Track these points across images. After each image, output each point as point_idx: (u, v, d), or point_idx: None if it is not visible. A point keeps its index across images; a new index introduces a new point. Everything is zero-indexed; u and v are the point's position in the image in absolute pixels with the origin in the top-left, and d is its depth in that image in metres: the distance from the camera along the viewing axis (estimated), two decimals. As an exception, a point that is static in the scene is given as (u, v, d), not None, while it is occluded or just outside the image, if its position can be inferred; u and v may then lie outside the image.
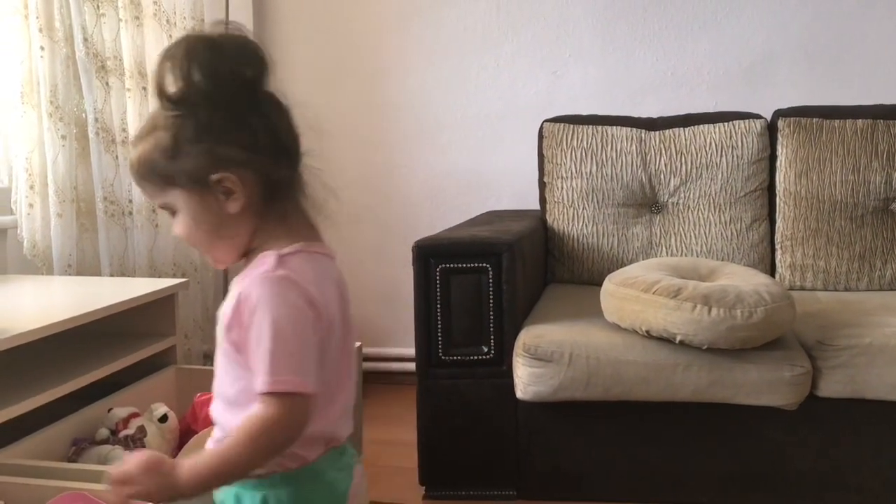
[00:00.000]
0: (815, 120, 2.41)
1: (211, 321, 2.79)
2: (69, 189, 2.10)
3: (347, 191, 3.16)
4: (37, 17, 2.02)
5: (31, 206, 2.06)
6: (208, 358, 2.79)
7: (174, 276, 2.51)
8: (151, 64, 2.47)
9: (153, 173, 0.91)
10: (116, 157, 2.27)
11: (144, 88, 2.43)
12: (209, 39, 0.88)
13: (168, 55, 0.87)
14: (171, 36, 2.55)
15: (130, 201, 2.35)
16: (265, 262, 0.89)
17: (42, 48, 2.03)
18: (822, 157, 2.39)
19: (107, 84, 2.24)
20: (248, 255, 0.94)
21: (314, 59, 2.97)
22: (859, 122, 2.39)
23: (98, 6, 2.23)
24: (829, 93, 2.63)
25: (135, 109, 2.37)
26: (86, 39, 2.15)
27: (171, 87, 0.87)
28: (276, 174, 0.92)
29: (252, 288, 0.87)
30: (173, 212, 0.94)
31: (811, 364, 1.82)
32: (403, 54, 2.91)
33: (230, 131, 0.89)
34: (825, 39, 2.66)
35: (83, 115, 2.18)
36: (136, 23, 2.39)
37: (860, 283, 2.34)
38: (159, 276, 2.43)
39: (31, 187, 2.06)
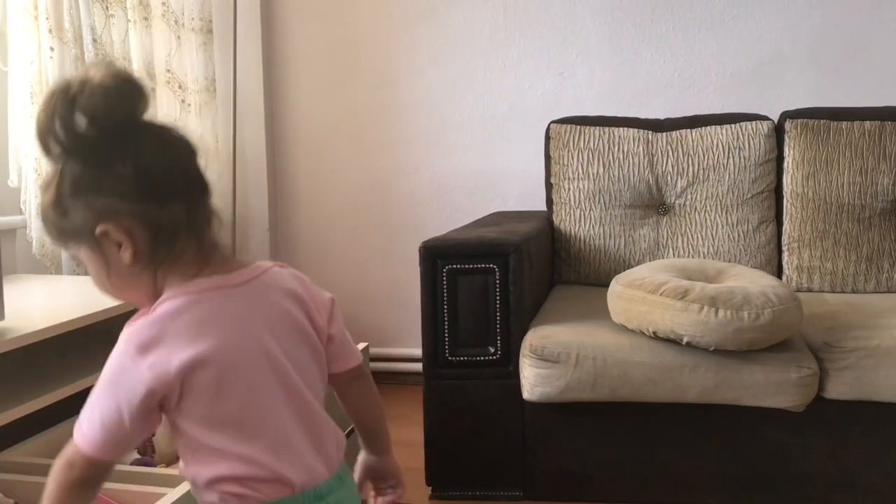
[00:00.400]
0: (822, 122, 2.41)
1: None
2: (78, 189, 2.11)
3: (354, 192, 3.20)
4: (46, 18, 2.03)
5: (40, 206, 2.07)
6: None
7: (182, 276, 2.52)
8: (160, 65, 2.49)
9: (50, 227, 0.91)
10: (125, 157, 2.28)
11: (153, 89, 2.44)
12: (68, 91, 0.83)
13: (43, 106, 0.85)
14: (178, 37, 2.56)
15: (138, 201, 2.36)
16: (135, 319, 0.89)
17: (52, 49, 2.04)
18: (829, 158, 2.38)
19: (115, 85, 2.25)
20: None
21: (322, 60, 2.98)
22: (867, 123, 2.38)
23: (107, 7, 2.24)
24: (837, 94, 2.62)
25: (143, 110, 2.38)
26: (95, 40, 2.15)
27: (49, 138, 0.85)
28: (163, 218, 0.87)
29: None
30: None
31: (818, 366, 1.82)
32: (410, 55, 2.92)
33: (102, 182, 0.85)
34: (833, 41, 2.66)
35: (92, 115, 2.18)
36: (145, 24, 2.40)
37: (867, 285, 2.34)
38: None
39: (41, 187, 2.07)
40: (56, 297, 1.88)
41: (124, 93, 0.85)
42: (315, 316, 0.98)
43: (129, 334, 0.87)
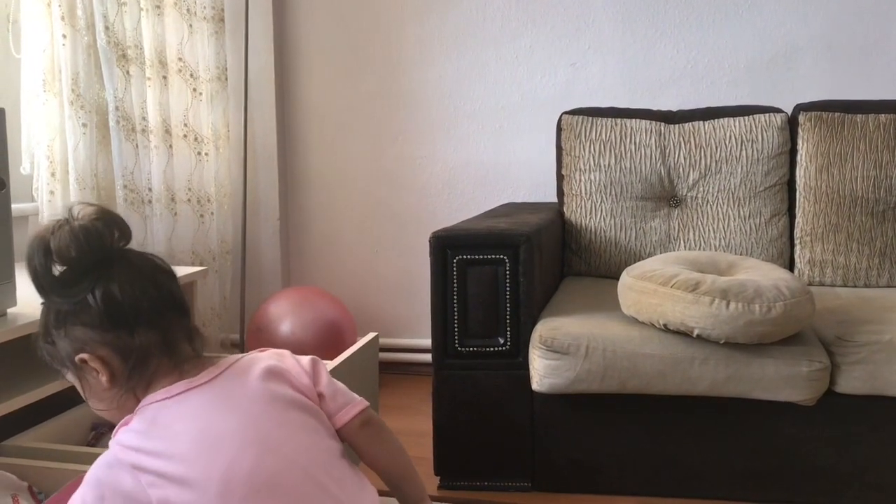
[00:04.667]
0: (836, 114, 2.39)
1: (228, 309, 2.82)
2: (90, 177, 2.12)
3: (365, 182, 3.20)
4: (59, 6, 2.03)
5: (51, 193, 2.08)
6: (225, 346, 2.81)
7: (192, 264, 2.53)
8: (172, 53, 2.49)
9: (43, 354, 0.99)
10: (136, 145, 2.29)
11: (165, 77, 2.44)
12: (45, 238, 0.91)
13: (26, 252, 0.93)
14: (191, 26, 2.56)
15: (150, 189, 2.37)
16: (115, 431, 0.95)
17: (64, 36, 2.05)
18: (843, 152, 2.36)
19: (127, 73, 2.25)
20: None
21: (333, 50, 2.97)
22: (882, 117, 2.36)
23: (119, -5, 2.24)
24: (852, 87, 2.60)
25: (155, 98, 2.39)
26: (107, 28, 2.16)
27: (32, 279, 0.93)
28: (133, 344, 0.94)
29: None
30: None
31: (830, 360, 1.81)
32: (422, 46, 2.91)
33: (76, 315, 0.94)
34: (848, 33, 2.63)
35: (104, 103, 2.19)
36: (157, 12, 2.40)
37: (880, 280, 2.32)
38: (178, 265, 2.44)
39: (52, 175, 2.08)
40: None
41: (97, 233, 0.93)
42: (297, 382, 1.01)
43: (115, 442, 0.93)
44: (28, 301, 1.54)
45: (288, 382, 1.00)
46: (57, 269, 0.92)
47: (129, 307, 0.94)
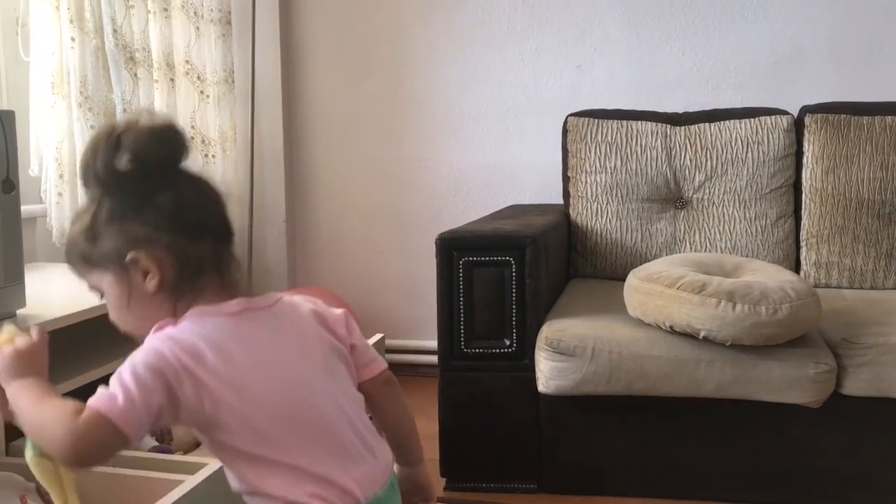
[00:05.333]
0: (842, 116, 2.39)
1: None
2: (97, 179, 2.13)
3: (371, 184, 3.20)
4: (68, 9, 2.05)
5: (60, 195, 2.09)
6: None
7: (199, 266, 2.53)
8: (179, 55, 2.50)
9: (76, 255, 0.95)
10: (144, 147, 2.30)
11: (172, 80, 2.45)
12: (113, 132, 0.90)
13: (88, 144, 0.92)
14: (198, 28, 2.57)
15: (157, 192, 2.38)
16: (161, 324, 0.91)
17: (73, 39, 2.06)
18: (849, 153, 2.36)
19: (135, 75, 2.27)
20: None
21: (339, 52, 2.98)
22: (888, 118, 2.36)
23: (127, -2, 2.26)
24: (858, 89, 2.60)
25: (162, 100, 2.40)
26: (115, 31, 2.17)
27: (90, 172, 0.91)
28: (192, 252, 0.93)
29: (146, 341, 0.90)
30: (101, 293, 0.97)
31: (836, 362, 1.81)
32: (428, 48, 2.91)
33: (140, 211, 0.91)
34: (854, 35, 2.63)
35: (112, 105, 2.20)
36: (165, 14, 2.41)
37: (887, 282, 2.32)
38: (185, 266, 2.45)
39: (61, 176, 2.09)
40: (76, 285, 1.89)
41: (168, 137, 0.92)
42: (336, 329, 1.01)
43: (163, 335, 0.89)
44: (38, 302, 1.55)
45: (329, 328, 1.01)
46: (123, 164, 0.89)
47: (196, 214, 0.94)
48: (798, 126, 2.43)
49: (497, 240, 1.99)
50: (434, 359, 2.07)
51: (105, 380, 1.33)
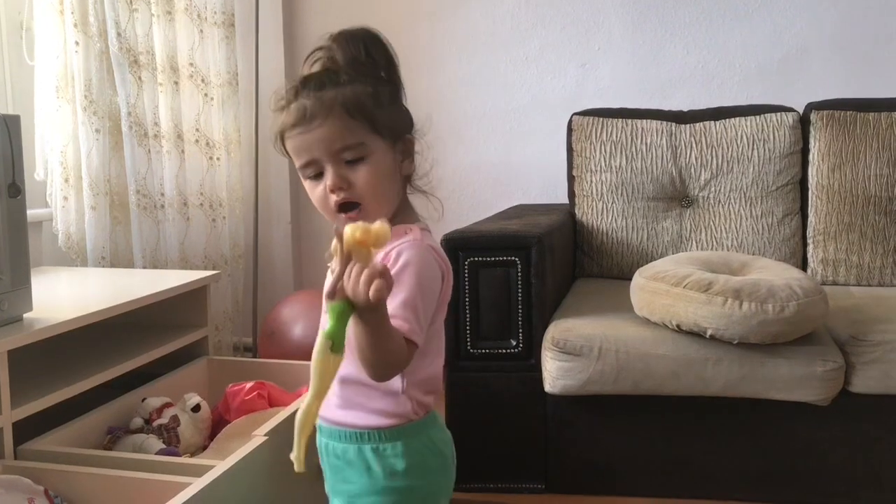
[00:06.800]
0: (848, 113, 2.38)
1: (241, 313, 2.83)
2: (103, 182, 2.13)
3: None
4: (72, 13, 2.05)
5: (65, 198, 2.09)
6: (238, 350, 2.82)
7: (205, 268, 2.54)
8: (183, 58, 2.50)
9: (363, 114, 0.97)
10: (149, 150, 2.30)
11: (176, 83, 2.45)
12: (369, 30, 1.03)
13: (349, 36, 1.04)
14: (201, 31, 2.57)
15: (162, 194, 2.38)
16: (411, 233, 0.98)
17: (77, 43, 2.06)
18: (855, 150, 2.35)
19: (139, 78, 2.27)
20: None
21: (343, 53, 2.97)
22: (895, 115, 2.35)
23: (131, 1, 2.26)
24: (863, 86, 2.59)
25: (167, 103, 2.40)
26: (119, 34, 2.17)
27: (359, 56, 1.01)
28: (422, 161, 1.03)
29: (404, 249, 0.95)
30: (361, 157, 0.97)
31: (844, 359, 1.80)
32: (432, 48, 2.91)
33: (402, 103, 1.04)
34: (859, 32, 2.62)
35: (116, 109, 2.20)
36: (168, 17, 2.41)
37: (894, 279, 2.31)
38: (190, 269, 2.45)
39: (66, 180, 2.09)
40: (81, 289, 1.90)
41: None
42: None
43: (428, 247, 0.99)
44: (45, 306, 1.55)
45: None
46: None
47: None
48: (804, 123, 2.42)
49: (503, 240, 1.98)
50: (440, 359, 2.06)
51: (112, 383, 1.34)
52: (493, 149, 2.92)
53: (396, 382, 0.97)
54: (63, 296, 1.81)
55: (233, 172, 2.76)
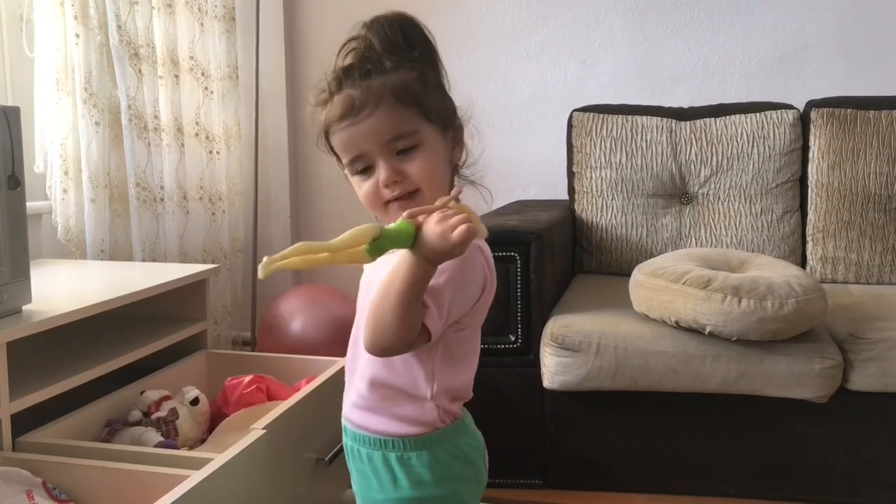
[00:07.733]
0: (849, 111, 2.38)
1: (240, 307, 2.83)
2: (102, 175, 2.13)
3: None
4: (72, 5, 2.04)
5: (65, 191, 2.09)
6: (236, 344, 2.82)
7: (204, 262, 2.54)
8: (184, 52, 2.50)
9: (414, 101, 0.92)
10: (148, 143, 2.30)
11: (176, 76, 2.45)
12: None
13: (385, 21, 0.99)
14: (202, 24, 2.57)
15: (162, 188, 2.38)
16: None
17: (77, 35, 2.06)
18: (855, 148, 2.35)
19: (139, 71, 2.26)
20: None
21: (344, 47, 2.97)
22: (895, 113, 2.35)
23: (131, -6, 2.25)
24: (864, 83, 2.59)
25: (167, 97, 2.40)
26: (119, 27, 2.17)
27: (397, 41, 0.96)
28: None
29: None
30: (413, 145, 0.92)
31: (842, 357, 1.80)
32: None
33: (446, 88, 0.98)
34: (860, 29, 2.62)
35: (116, 102, 2.20)
36: (169, 10, 2.41)
37: (893, 277, 2.31)
38: (189, 262, 2.45)
39: (66, 173, 2.09)
40: (80, 282, 1.90)
41: None
42: None
43: (475, 247, 0.95)
44: (44, 298, 1.55)
45: None
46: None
47: None
48: (804, 120, 2.42)
49: (502, 235, 1.98)
50: (439, 354, 2.06)
51: (110, 376, 1.34)
52: (493, 145, 2.91)
53: (424, 388, 0.94)
54: (62, 288, 1.81)
55: (232, 166, 2.76)
